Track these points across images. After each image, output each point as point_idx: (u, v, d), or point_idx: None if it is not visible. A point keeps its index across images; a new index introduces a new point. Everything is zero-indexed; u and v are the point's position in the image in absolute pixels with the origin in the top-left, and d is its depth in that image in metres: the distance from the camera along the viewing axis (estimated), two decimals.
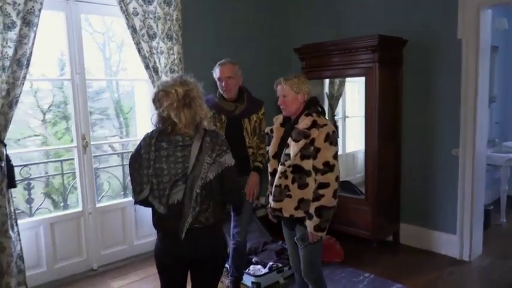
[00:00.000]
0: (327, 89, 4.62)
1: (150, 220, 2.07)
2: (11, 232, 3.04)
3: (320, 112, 2.33)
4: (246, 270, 3.36)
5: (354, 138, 4.46)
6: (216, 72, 2.87)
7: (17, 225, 3.13)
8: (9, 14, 2.92)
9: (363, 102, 3.90)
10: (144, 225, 3.96)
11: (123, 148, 4.74)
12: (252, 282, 3.28)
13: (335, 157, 2.26)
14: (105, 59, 4.66)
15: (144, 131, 2.96)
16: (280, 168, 2.31)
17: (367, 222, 3.89)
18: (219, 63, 2.88)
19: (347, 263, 3.74)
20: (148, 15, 3.56)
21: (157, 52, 3.65)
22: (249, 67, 4.13)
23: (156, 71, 3.62)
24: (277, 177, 2.32)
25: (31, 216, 3.79)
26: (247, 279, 3.32)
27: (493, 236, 4.30)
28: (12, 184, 3.07)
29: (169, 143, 1.94)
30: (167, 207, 1.94)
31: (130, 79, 4.37)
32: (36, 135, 4.70)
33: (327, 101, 4.63)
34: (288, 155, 2.26)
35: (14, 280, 3.08)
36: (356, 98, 4.42)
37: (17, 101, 3.02)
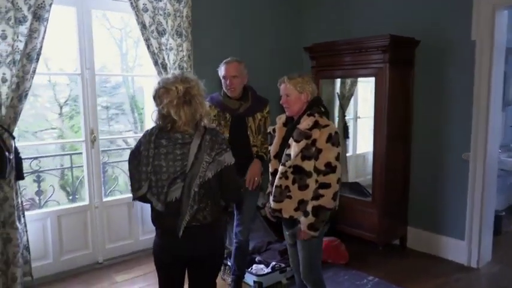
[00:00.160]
0: (338, 88, 4.57)
1: None
2: (17, 223, 3.10)
3: (323, 112, 2.30)
4: (249, 269, 3.36)
5: (365, 139, 4.40)
6: (221, 70, 2.86)
7: (24, 216, 3.18)
8: (20, 8, 2.95)
9: None
10: (150, 221, 3.95)
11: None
12: (254, 282, 3.27)
13: (337, 158, 2.22)
14: (122, 54, 4.70)
15: None
16: (280, 168, 2.28)
17: (374, 225, 3.84)
18: (225, 61, 2.87)
19: (351, 266, 3.70)
20: (158, 12, 3.57)
21: (167, 49, 3.65)
22: (258, 65, 4.13)
23: (164, 67, 3.63)
24: (277, 177, 2.30)
25: (40, 208, 3.87)
26: (249, 278, 3.31)
27: (504, 243, 4.20)
28: (20, 176, 3.12)
29: (168, 141, 1.94)
30: (165, 205, 1.94)
31: (142, 75, 4.39)
32: (53, 128, 4.78)
33: (338, 101, 4.58)
34: (289, 156, 2.23)
35: (19, 270, 3.13)
36: (368, 98, 4.35)
37: (26, 94, 3.06)
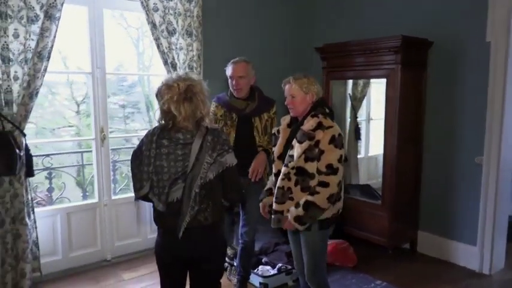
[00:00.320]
0: (350, 90, 4.52)
1: None
2: (27, 219, 3.14)
3: (327, 114, 2.27)
4: (255, 270, 3.34)
5: (378, 141, 4.36)
6: (228, 69, 2.85)
7: (33, 213, 3.23)
8: (33, 7, 3.00)
9: None
10: None
11: None
12: (259, 283, 3.26)
13: (339, 160, 2.19)
14: (138, 53, 4.74)
15: None
16: (283, 169, 2.26)
17: (383, 228, 3.78)
18: (232, 61, 2.86)
19: (359, 269, 3.65)
20: (168, 11, 3.58)
21: (176, 48, 3.66)
22: (267, 65, 4.11)
23: (174, 66, 3.64)
24: (280, 178, 2.27)
25: (51, 204, 3.92)
26: (255, 280, 3.30)
27: None
28: (30, 173, 3.16)
29: (170, 141, 1.93)
30: (166, 205, 1.93)
31: (154, 74, 4.41)
32: (70, 126, 4.85)
33: (349, 102, 4.53)
34: (292, 157, 2.21)
35: (28, 266, 3.17)
36: (381, 99, 4.29)
37: (37, 92, 3.10)
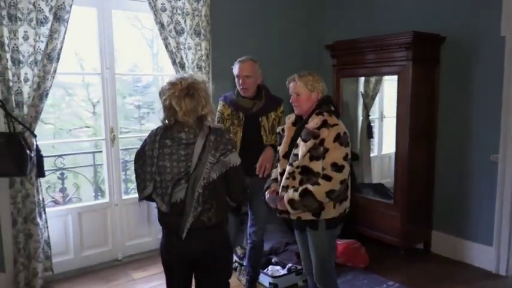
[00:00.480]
0: (361, 87, 4.46)
1: None
2: (38, 219, 3.18)
3: (332, 112, 2.22)
4: (265, 270, 3.32)
5: (391, 139, 4.30)
6: (235, 68, 2.82)
7: (45, 213, 3.27)
8: (42, 9, 3.03)
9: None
10: None
11: None
12: (269, 283, 3.23)
13: (345, 159, 2.15)
14: (153, 54, 4.77)
15: None
16: (288, 168, 2.23)
17: (396, 228, 3.72)
18: (239, 60, 2.83)
19: (371, 269, 3.59)
20: (176, 11, 3.58)
21: (185, 48, 3.66)
22: (276, 64, 4.08)
23: (182, 66, 3.64)
24: (284, 177, 2.24)
25: (64, 204, 3.96)
26: (264, 280, 3.27)
27: None
28: (41, 173, 3.20)
29: (172, 141, 1.92)
30: (170, 206, 1.92)
31: (165, 74, 4.41)
32: (87, 127, 4.91)
33: (361, 100, 4.47)
34: (297, 156, 2.18)
35: (40, 265, 3.22)
36: (394, 97, 4.24)
37: (47, 93, 3.14)
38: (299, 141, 2.19)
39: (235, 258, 3.53)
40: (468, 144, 3.64)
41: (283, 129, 2.39)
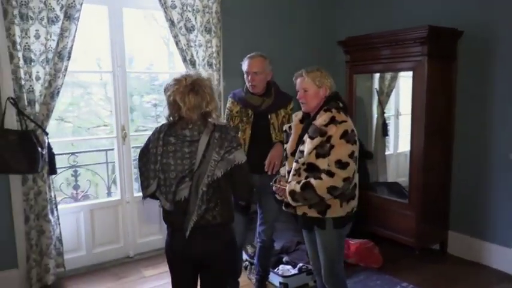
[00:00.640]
0: (376, 84, 4.37)
1: None
2: (50, 216, 3.21)
3: (341, 108, 2.16)
4: (275, 270, 3.28)
5: (407, 137, 4.21)
6: (244, 64, 2.78)
7: (57, 209, 3.29)
8: (53, 8, 3.05)
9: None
10: None
11: None
12: (279, 283, 3.19)
13: (350, 156, 2.08)
14: (169, 53, 4.80)
15: None
16: (294, 165, 2.18)
17: (410, 228, 3.63)
18: (249, 56, 2.78)
19: (385, 270, 3.51)
20: (186, 8, 3.56)
21: (195, 45, 3.64)
22: (288, 60, 4.01)
23: (193, 63, 3.62)
24: (291, 174, 2.20)
25: (77, 201, 4.00)
26: (275, 279, 3.23)
27: None
28: (53, 171, 3.23)
29: (176, 138, 1.89)
30: (174, 204, 1.90)
31: (175, 72, 4.41)
32: (105, 125, 4.96)
33: (376, 96, 4.38)
34: (303, 152, 2.12)
35: (52, 262, 3.25)
36: (410, 94, 4.15)
37: (58, 92, 3.16)
38: (305, 137, 2.14)
39: (245, 256, 3.50)
40: (486, 142, 3.52)
41: (290, 127, 2.34)
